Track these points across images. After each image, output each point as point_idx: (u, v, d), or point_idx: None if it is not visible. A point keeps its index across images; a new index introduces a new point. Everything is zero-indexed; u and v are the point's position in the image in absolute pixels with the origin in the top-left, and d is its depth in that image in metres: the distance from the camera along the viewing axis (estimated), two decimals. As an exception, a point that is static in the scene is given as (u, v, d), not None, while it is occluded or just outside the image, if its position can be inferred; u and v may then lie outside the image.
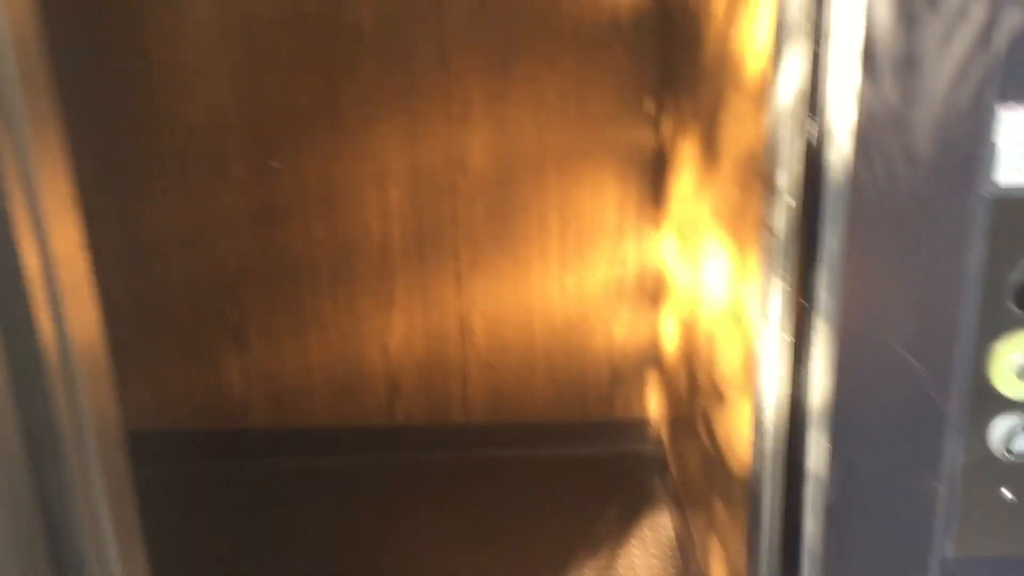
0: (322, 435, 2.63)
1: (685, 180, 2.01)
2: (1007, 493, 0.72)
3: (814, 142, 1.06)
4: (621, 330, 2.54)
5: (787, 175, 1.12)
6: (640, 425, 2.62)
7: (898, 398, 0.82)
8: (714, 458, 1.76)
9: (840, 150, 0.97)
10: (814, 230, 1.08)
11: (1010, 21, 0.64)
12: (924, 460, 0.76)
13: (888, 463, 0.85)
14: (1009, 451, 0.71)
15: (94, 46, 2.27)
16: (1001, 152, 0.64)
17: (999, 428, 0.71)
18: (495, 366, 2.57)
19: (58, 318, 1.21)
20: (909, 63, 0.76)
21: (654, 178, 2.37)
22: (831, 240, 1.02)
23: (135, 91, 2.33)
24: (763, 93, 1.26)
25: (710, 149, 1.73)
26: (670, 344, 2.32)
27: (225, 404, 2.60)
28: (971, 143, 0.66)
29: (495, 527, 2.34)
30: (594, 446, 2.63)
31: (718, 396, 1.72)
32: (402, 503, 2.45)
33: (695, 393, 1.97)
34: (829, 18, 1.00)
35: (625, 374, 2.58)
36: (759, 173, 1.29)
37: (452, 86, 2.31)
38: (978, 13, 0.66)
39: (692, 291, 1.99)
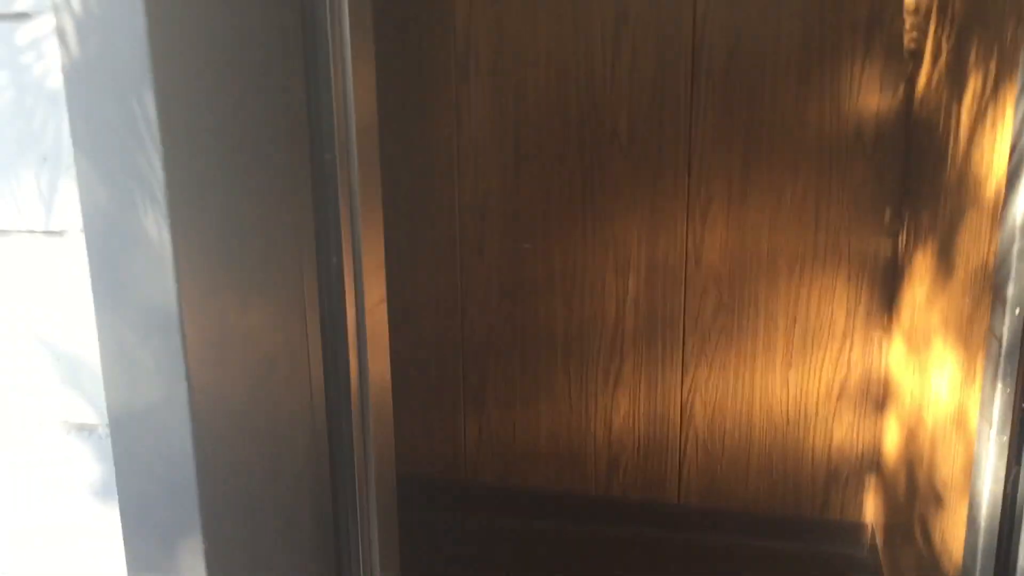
0: (543, 498, 2.82)
1: (918, 290, 2.08)
2: None
3: (1042, 259, 1.15)
4: (841, 432, 2.58)
5: (1015, 287, 1.22)
6: (855, 528, 2.63)
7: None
8: (927, 560, 1.79)
9: (1065, 267, 1.07)
10: (1039, 340, 1.16)
11: None
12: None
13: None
14: None
15: (389, 144, 2.65)
16: None
17: None
18: (712, 452, 2.67)
19: (363, 362, 1.47)
20: None
21: (886, 286, 2.43)
22: (1053, 350, 1.11)
23: (419, 178, 2.68)
24: (998, 211, 1.36)
25: (945, 261, 1.81)
26: (892, 449, 2.35)
27: (459, 458, 2.86)
28: None
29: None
30: (806, 544, 2.66)
31: (936, 500, 1.76)
32: (611, 572, 2.58)
33: (914, 498, 2.00)
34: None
35: (843, 476, 2.61)
36: (990, 285, 1.38)
37: (693, 187, 2.50)
38: None
39: (917, 398, 2.04)
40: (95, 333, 1.06)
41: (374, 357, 1.52)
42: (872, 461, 2.57)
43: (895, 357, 2.38)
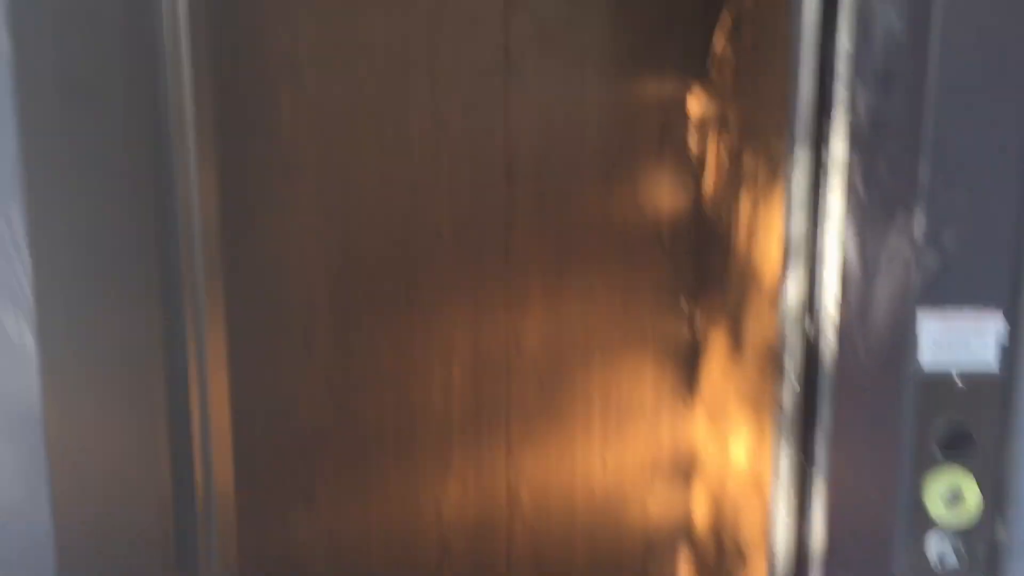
0: (375, 591, 2.84)
1: (714, 368, 2.32)
2: (945, 596, 0.98)
3: (811, 337, 1.37)
4: (655, 505, 2.78)
5: (792, 362, 1.43)
6: (672, 596, 2.81)
7: (869, 526, 1.09)
8: (738, 615, 1.97)
9: (829, 343, 1.28)
10: (814, 406, 1.37)
11: (925, 257, 0.96)
12: (881, 572, 1.02)
13: (863, 581, 1.11)
14: (942, 566, 0.97)
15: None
16: (920, 340, 0.95)
17: (933, 546, 0.97)
18: (539, 532, 2.80)
19: (207, 461, 1.51)
20: (867, 282, 1.08)
21: (688, 366, 2.68)
22: (824, 412, 1.31)
23: (245, 281, 2.72)
24: (776, 297, 1.59)
25: (736, 341, 2.04)
26: (701, 517, 2.56)
27: (291, 555, 2.84)
28: (902, 334, 0.97)
29: None
30: (628, 615, 2.81)
31: (741, 559, 1.95)
32: (448, 658, 2.63)
33: (722, 559, 2.19)
34: (821, 244, 1.34)
35: (658, 547, 2.79)
36: (773, 361, 1.60)
37: (513, 281, 2.68)
38: (907, 249, 0.99)
39: (720, 466, 2.25)
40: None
41: (218, 455, 1.55)
42: (684, 530, 2.78)
43: (699, 430, 2.61)
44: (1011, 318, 0.96)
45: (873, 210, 1.06)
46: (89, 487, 1.19)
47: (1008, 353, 0.94)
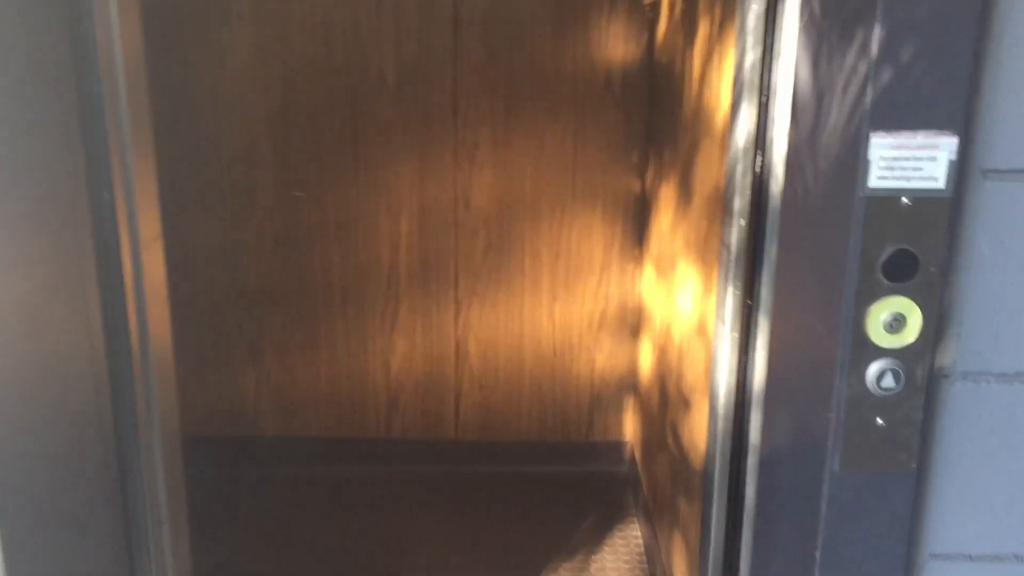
0: (324, 445, 2.86)
1: (663, 220, 2.30)
2: (879, 420, 0.98)
3: (760, 173, 1.34)
4: (603, 359, 2.80)
5: (740, 200, 1.40)
6: (617, 447, 2.87)
7: (809, 357, 1.09)
8: (678, 459, 2.02)
9: (776, 176, 1.25)
10: (761, 243, 1.36)
11: (880, 77, 0.92)
12: (822, 398, 1.02)
13: (799, 407, 1.11)
14: (880, 387, 0.97)
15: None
16: (871, 164, 0.92)
17: (873, 370, 0.97)
18: (487, 387, 2.82)
19: (140, 300, 1.46)
20: (818, 108, 1.05)
21: (637, 220, 2.66)
22: (771, 249, 1.30)
23: (181, 127, 2.61)
24: (725, 138, 1.55)
25: (685, 190, 2.02)
26: (646, 370, 2.59)
27: (238, 413, 2.84)
28: (853, 159, 0.94)
29: (481, 535, 2.57)
30: (574, 465, 2.87)
31: (685, 404, 1.98)
32: (396, 511, 2.68)
33: (665, 408, 2.23)
34: (772, 79, 1.29)
35: (605, 400, 2.84)
36: (721, 203, 1.57)
37: (460, 132, 2.61)
38: (862, 69, 0.95)
39: (666, 318, 2.26)
40: None
41: (152, 296, 1.50)
42: (630, 384, 2.82)
43: (647, 284, 2.62)
44: (964, 139, 0.93)
45: (829, 29, 1.01)
46: (10, 336, 1.14)
47: (958, 172, 0.92)
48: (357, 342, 2.79)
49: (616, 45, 2.55)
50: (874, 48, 0.92)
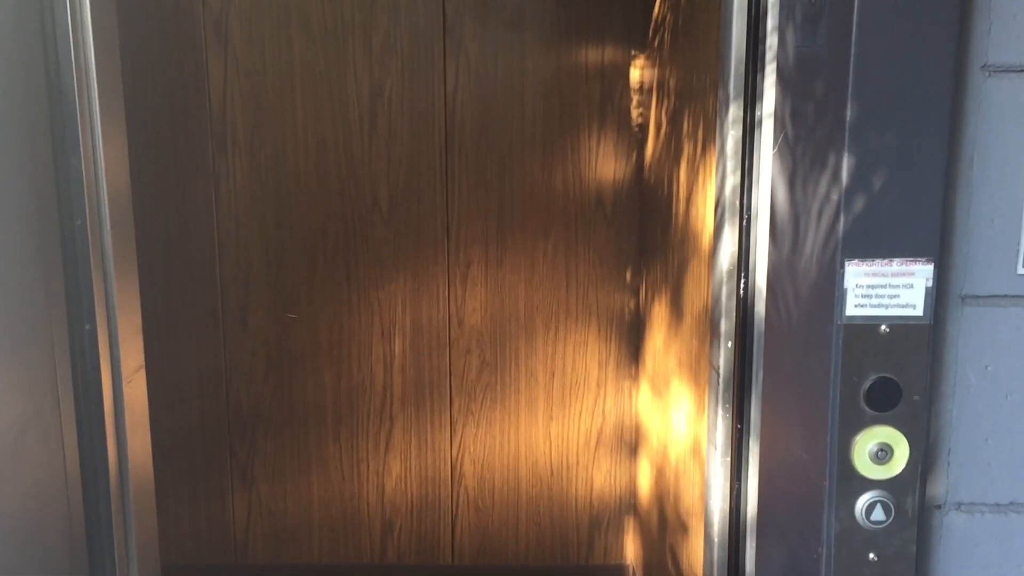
0: (317, 573, 2.78)
1: (657, 337, 2.28)
2: (872, 555, 0.94)
3: (745, 296, 1.33)
4: (601, 478, 2.74)
5: (727, 323, 1.39)
6: (618, 571, 2.78)
7: (798, 488, 1.05)
8: (679, 586, 1.95)
9: (761, 299, 1.24)
10: (749, 366, 1.33)
11: (852, 205, 0.92)
12: (812, 532, 0.98)
13: (791, 541, 1.07)
14: (870, 521, 0.94)
15: (143, 214, 2.60)
16: (848, 292, 0.91)
17: (861, 502, 0.94)
18: (483, 509, 2.75)
19: (121, 434, 1.44)
20: (795, 233, 1.04)
21: (632, 337, 2.64)
22: (758, 373, 1.28)
23: (176, 252, 2.63)
24: (711, 258, 1.55)
25: (676, 308, 2.01)
26: (645, 489, 2.53)
27: (228, 541, 2.77)
28: (831, 286, 0.93)
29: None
30: (574, 590, 2.78)
31: (682, 528, 1.92)
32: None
33: (664, 531, 2.16)
34: (752, 202, 1.29)
35: (604, 521, 2.76)
36: (710, 323, 1.56)
37: (453, 252, 2.62)
38: (834, 197, 0.94)
39: (662, 437, 2.22)
40: None
41: (133, 429, 1.48)
42: (629, 503, 2.75)
43: (643, 402, 2.58)
44: (940, 265, 0.92)
45: (802, 155, 1.02)
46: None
47: (935, 298, 0.90)
48: (350, 465, 2.74)
49: (606, 164, 2.58)
50: (844, 176, 0.92)
